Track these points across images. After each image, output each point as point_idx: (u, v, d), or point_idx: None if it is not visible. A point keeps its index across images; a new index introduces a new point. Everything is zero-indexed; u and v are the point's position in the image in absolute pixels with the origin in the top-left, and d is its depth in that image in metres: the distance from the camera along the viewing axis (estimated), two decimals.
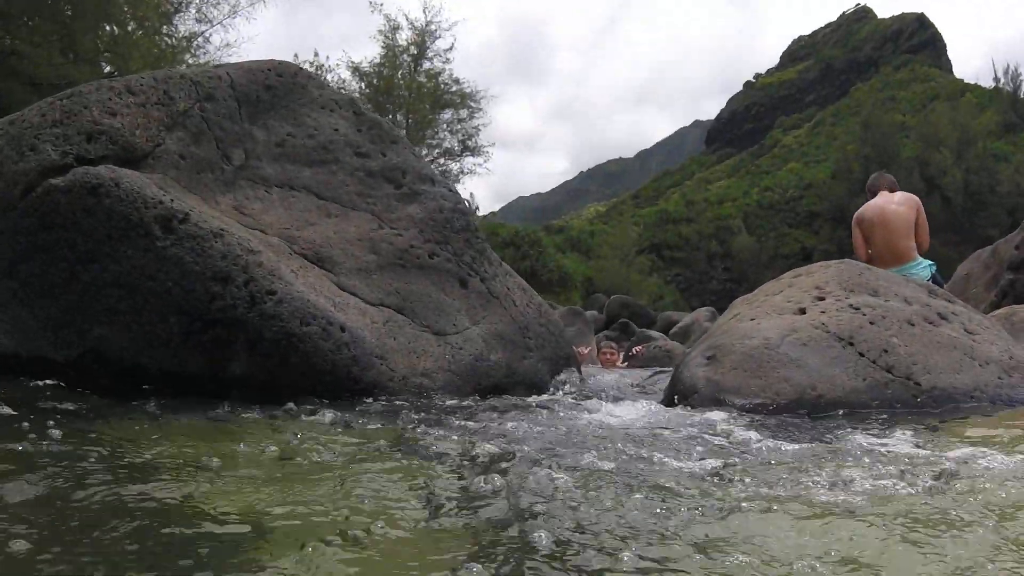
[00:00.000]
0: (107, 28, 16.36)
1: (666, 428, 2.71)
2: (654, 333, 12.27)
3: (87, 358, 3.11)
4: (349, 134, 4.02)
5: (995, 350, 3.69)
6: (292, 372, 3.10)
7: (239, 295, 3.03)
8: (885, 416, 3.06)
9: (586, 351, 9.98)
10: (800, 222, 57.90)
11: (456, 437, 2.42)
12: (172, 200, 3.11)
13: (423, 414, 2.89)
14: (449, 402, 3.27)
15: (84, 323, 3.08)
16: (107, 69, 16.18)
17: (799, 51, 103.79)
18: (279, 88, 4.03)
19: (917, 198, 6.47)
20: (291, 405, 2.87)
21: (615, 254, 45.97)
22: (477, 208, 37.09)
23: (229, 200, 3.63)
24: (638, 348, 7.48)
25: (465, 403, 3.23)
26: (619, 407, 3.29)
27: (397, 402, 3.15)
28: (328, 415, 2.71)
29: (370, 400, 3.14)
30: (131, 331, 3.06)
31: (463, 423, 2.74)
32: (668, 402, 3.50)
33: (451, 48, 31.55)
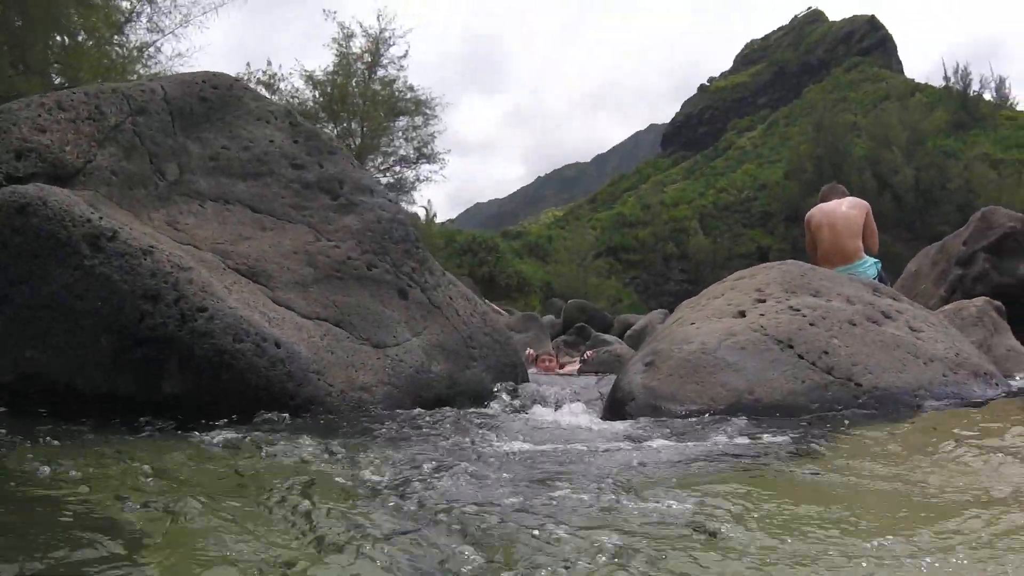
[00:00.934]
0: (57, 38, 16.09)
1: (577, 443, 2.68)
2: (609, 337, 12.29)
3: (21, 382, 3.02)
4: (285, 146, 3.97)
5: (940, 347, 3.72)
6: (226, 390, 3.03)
7: (169, 313, 2.96)
8: (812, 419, 3.06)
9: (550, 361, 9.94)
10: (755, 222, 58.50)
11: (340, 457, 2.35)
12: (101, 218, 3.04)
13: (340, 431, 2.83)
14: (370, 418, 3.18)
15: (17, 346, 2.99)
16: (57, 80, 15.89)
17: (752, 54, 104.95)
18: (214, 100, 3.97)
19: (866, 203, 6.58)
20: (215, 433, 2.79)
21: (573, 258, 46.08)
22: (435, 215, 36.97)
23: (163, 215, 3.57)
24: (588, 353, 7.46)
25: (390, 419, 3.16)
26: (546, 419, 3.27)
27: (326, 419, 3.09)
28: (220, 436, 2.61)
29: (306, 416, 3.08)
30: (63, 352, 2.98)
31: (367, 442, 2.67)
32: (607, 410, 3.48)
33: (405, 55, 31.38)
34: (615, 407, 3.41)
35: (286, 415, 3.03)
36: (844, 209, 6.44)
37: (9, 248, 2.93)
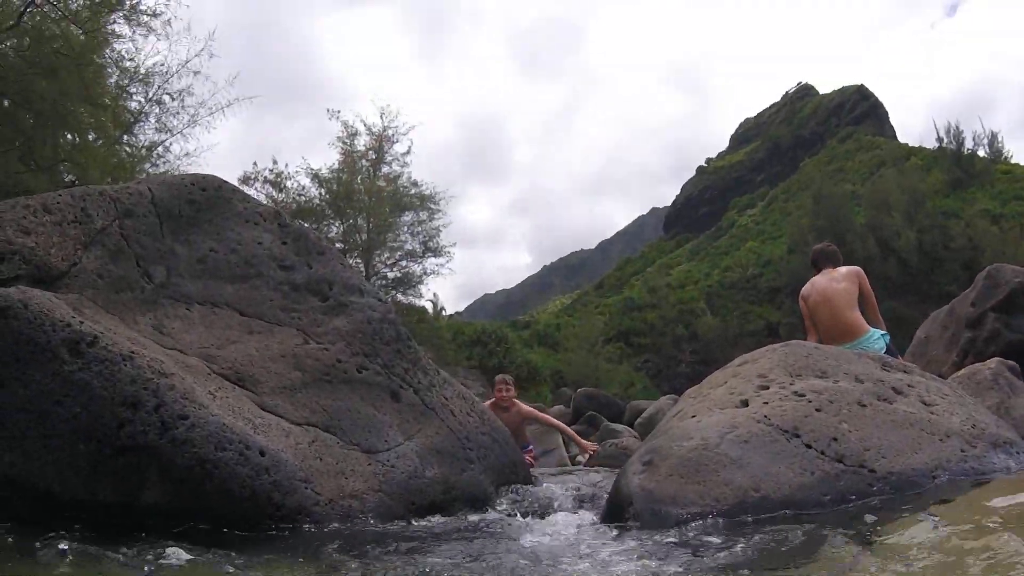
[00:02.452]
0: (67, 136, 16.36)
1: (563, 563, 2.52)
2: (619, 427, 12.08)
3: (1, 486, 2.90)
4: (273, 247, 3.93)
5: (956, 420, 3.58)
6: (208, 499, 2.91)
7: (149, 420, 2.86)
8: (823, 514, 2.89)
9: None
10: (762, 298, 58.44)
11: None
12: (82, 322, 2.97)
13: (313, 553, 2.69)
14: (357, 535, 3.03)
15: None
16: (67, 178, 16.13)
17: (747, 132, 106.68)
18: (202, 202, 3.95)
19: (860, 270, 6.46)
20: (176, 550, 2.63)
21: (582, 345, 45.88)
22: (442, 308, 36.90)
23: (149, 319, 3.50)
24: (593, 448, 7.27)
25: (378, 535, 3.02)
26: (545, 529, 3.11)
27: (311, 532, 2.95)
28: (179, 558, 2.46)
29: (291, 527, 2.95)
30: (41, 458, 2.87)
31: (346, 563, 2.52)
32: (607, 515, 3.32)
33: (408, 152, 31.86)
34: (614, 511, 3.23)
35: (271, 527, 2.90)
36: (838, 283, 6.32)
37: None
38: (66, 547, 2.38)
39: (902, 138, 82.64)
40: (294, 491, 3.04)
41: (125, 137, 18.76)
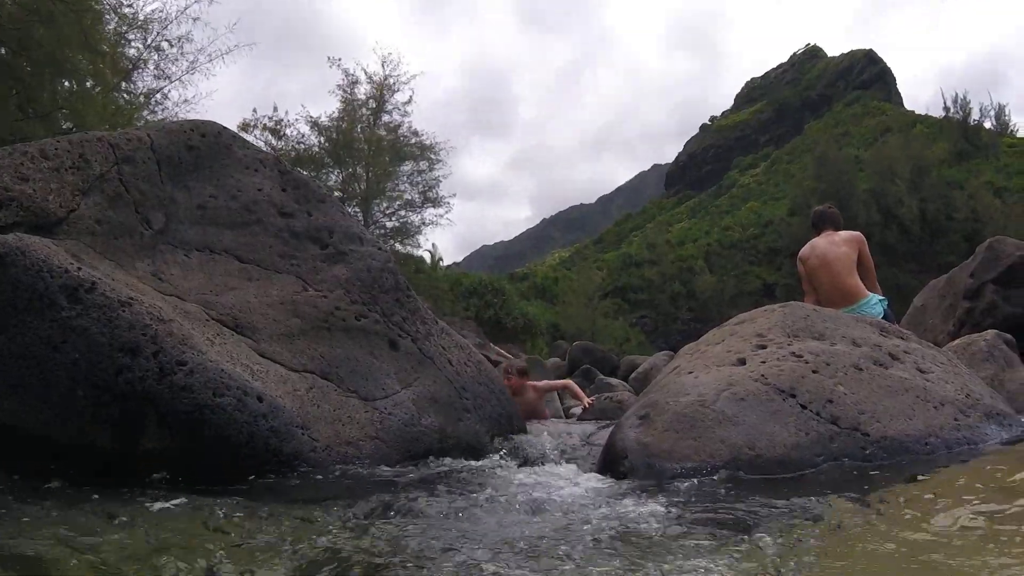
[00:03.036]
0: (65, 84, 16.21)
1: (558, 511, 2.56)
2: (614, 380, 12.15)
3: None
4: (273, 194, 3.90)
5: (950, 389, 3.59)
6: (206, 445, 2.92)
7: (148, 366, 2.86)
8: (816, 475, 2.92)
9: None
10: (761, 259, 58.47)
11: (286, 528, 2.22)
12: (79, 269, 2.96)
13: (309, 494, 2.71)
14: (354, 477, 3.07)
15: None
16: (65, 125, 15.99)
17: (752, 92, 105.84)
18: (202, 148, 3.91)
19: (860, 235, 6.43)
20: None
21: (579, 299, 45.96)
22: (440, 259, 36.83)
23: (147, 265, 3.49)
24: (590, 401, 7.31)
25: (374, 477, 3.04)
26: (539, 478, 3.13)
27: (308, 476, 2.97)
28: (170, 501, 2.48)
29: (289, 472, 2.97)
30: (39, 405, 2.88)
31: (339, 507, 2.54)
32: (601, 467, 3.35)
33: (409, 101, 31.60)
34: (609, 464, 3.26)
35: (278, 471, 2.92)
36: (838, 247, 6.29)
37: None
38: (56, 485, 2.40)
39: (909, 106, 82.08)
40: (292, 437, 3.06)
41: (123, 84, 18.57)
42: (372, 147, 30.61)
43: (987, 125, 61.48)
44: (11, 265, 2.86)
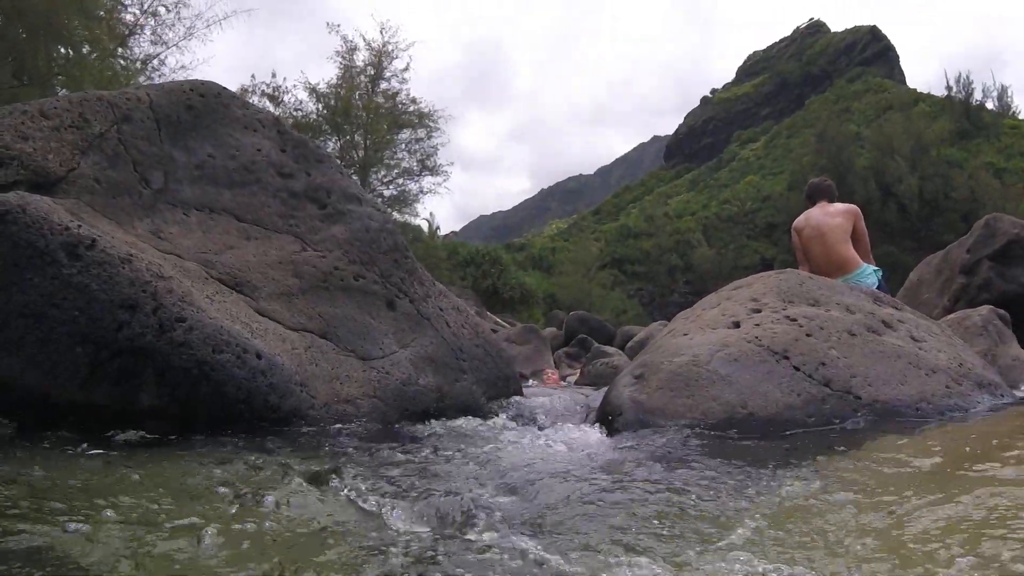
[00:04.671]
0: (61, 50, 16.09)
1: (549, 461, 2.59)
2: (610, 349, 12.18)
3: None
4: (272, 154, 3.91)
5: (943, 358, 3.62)
6: (205, 402, 2.95)
7: (147, 323, 2.88)
8: (807, 434, 2.95)
9: (554, 375, 9.95)
10: (759, 233, 58.49)
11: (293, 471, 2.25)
12: (80, 226, 2.97)
13: (314, 447, 2.75)
14: (351, 433, 3.11)
15: None
16: (61, 91, 15.90)
17: (754, 66, 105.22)
18: (201, 108, 3.90)
19: (856, 208, 6.45)
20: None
21: (576, 270, 46.05)
22: (438, 227, 36.80)
23: (146, 224, 3.50)
24: (578, 365, 7.37)
25: (371, 434, 3.08)
26: (534, 436, 3.17)
27: (306, 433, 3.01)
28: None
29: (287, 429, 3.00)
30: (38, 362, 2.90)
31: (336, 460, 2.58)
32: (596, 424, 3.38)
33: (407, 68, 31.42)
34: (603, 420, 3.31)
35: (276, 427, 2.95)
36: (833, 218, 6.32)
37: None
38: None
39: (911, 83, 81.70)
40: (290, 394, 3.09)
41: (120, 50, 18.43)
42: (370, 114, 30.47)
43: (989, 106, 61.30)
44: (11, 223, 2.87)
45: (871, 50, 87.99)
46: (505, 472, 2.39)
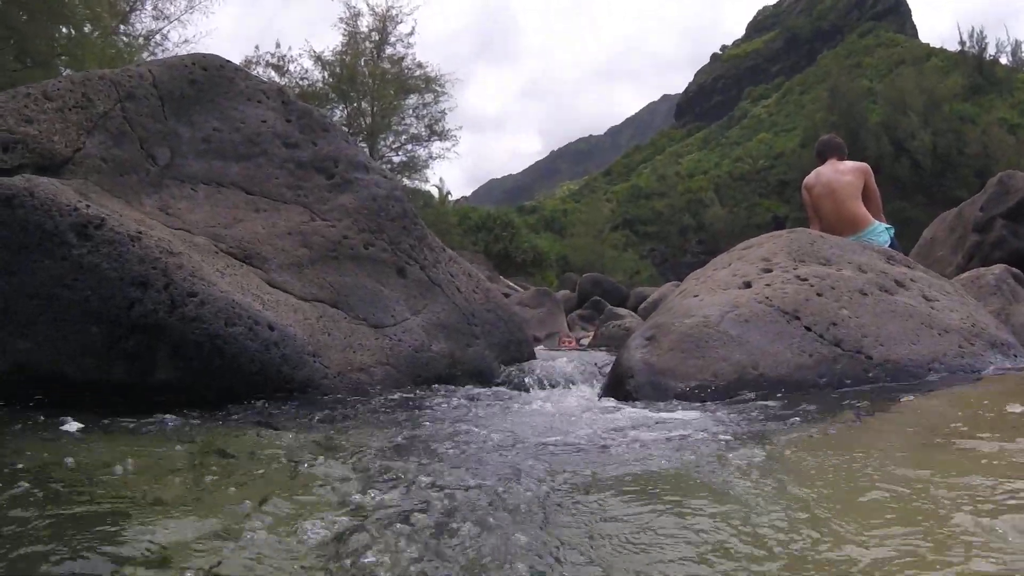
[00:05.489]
0: (63, 30, 16.05)
1: (561, 420, 2.60)
2: (623, 311, 12.21)
3: (14, 372, 2.97)
4: (277, 125, 3.90)
5: (956, 317, 3.60)
6: (219, 375, 2.98)
7: (159, 299, 2.90)
8: (818, 393, 2.96)
9: (570, 340, 10.00)
10: (771, 191, 58.13)
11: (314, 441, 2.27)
12: (88, 206, 2.98)
13: (330, 414, 2.78)
14: (366, 400, 3.12)
15: (7, 337, 2.94)
16: (64, 72, 15.88)
17: (764, 21, 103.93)
18: (204, 82, 3.89)
19: (866, 166, 6.39)
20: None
21: (588, 232, 45.97)
22: (448, 193, 36.82)
23: (155, 201, 3.51)
24: (592, 327, 7.38)
25: (386, 400, 3.11)
26: (548, 399, 3.19)
27: (321, 401, 3.04)
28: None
29: (302, 398, 3.04)
30: (53, 342, 2.93)
31: (351, 426, 2.60)
32: (608, 388, 3.40)
33: (412, 32, 31.33)
34: (616, 384, 3.31)
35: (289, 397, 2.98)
36: (843, 175, 6.26)
37: None
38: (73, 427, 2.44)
39: (923, 38, 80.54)
40: (303, 364, 3.12)
41: (122, 27, 18.40)
42: (376, 80, 30.36)
43: (1003, 60, 60.42)
44: (19, 206, 2.88)
45: (883, 4, 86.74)
46: (515, 428, 2.41)
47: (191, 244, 3.26)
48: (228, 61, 4.08)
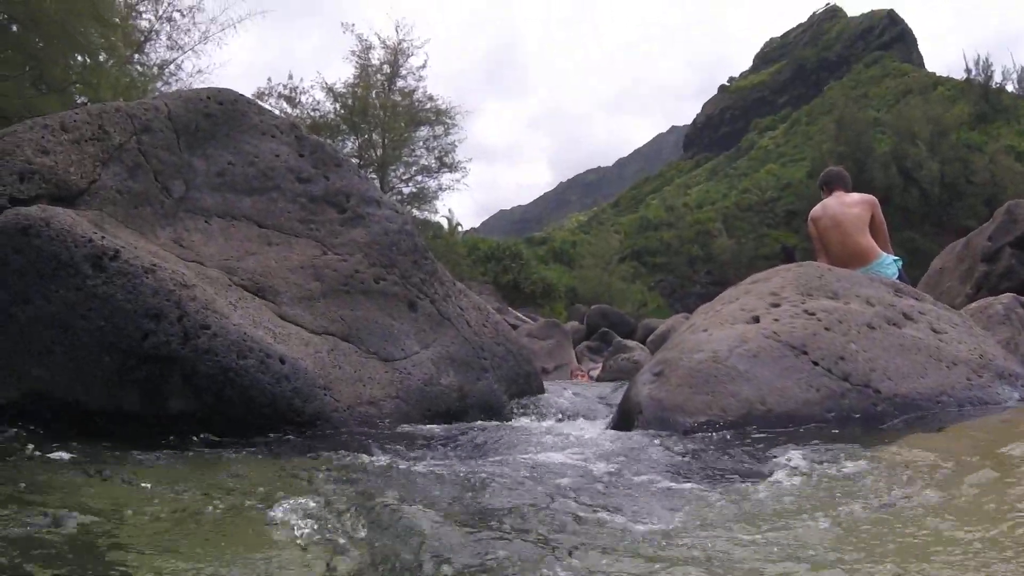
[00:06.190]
0: (78, 58, 16.25)
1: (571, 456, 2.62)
2: (631, 343, 12.18)
3: (28, 400, 3.00)
4: (290, 159, 3.95)
5: (964, 349, 3.60)
6: (231, 406, 3.01)
7: (172, 331, 2.93)
8: (826, 429, 2.96)
9: (583, 373, 10.02)
10: (780, 222, 58.02)
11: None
12: (103, 237, 3.02)
13: (333, 447, 2.79)
14: (374, 436, 3.13)
15: (22, 364, 2.97)
16: (79, 99, 16.06)
17: (771, 53, 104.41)
18: (218, 116, 3.95)
19: (873, 198, 6.40)
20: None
21: (597, 263, 45.89)
22: (458, 224, 36.91)
23: (168, 233, 3.55)
24: (600, 359, 7.40)
25: (393, 437, 3.12)
26: (557, 434, 3.20)
27: (330, 435, 3.05)
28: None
29: (311, 432, 3.05)
30: (67, 371, 2.96)
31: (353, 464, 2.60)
32: (617, 422, 3.41)
33: (424, 65, 31.55)
34: (624, 419, 3.32)
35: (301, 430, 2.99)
36: (850, 208, 6.27)
37: (12, 268, 2.91)
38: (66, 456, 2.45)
39: (930, 67, 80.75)
40: (314, 397, 3.14)
41: (136, 56, 18.62)
42: (387, 112, 30.58)
43: (1009, 88, 60.42)
44: (36, 236, 2.92)
45: (889, 34, 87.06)
46: (522, 467, 2.42)
47: (204, 277, 3.29)
48: (242, 95, 4.14)
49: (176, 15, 18.52)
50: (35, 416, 2.95)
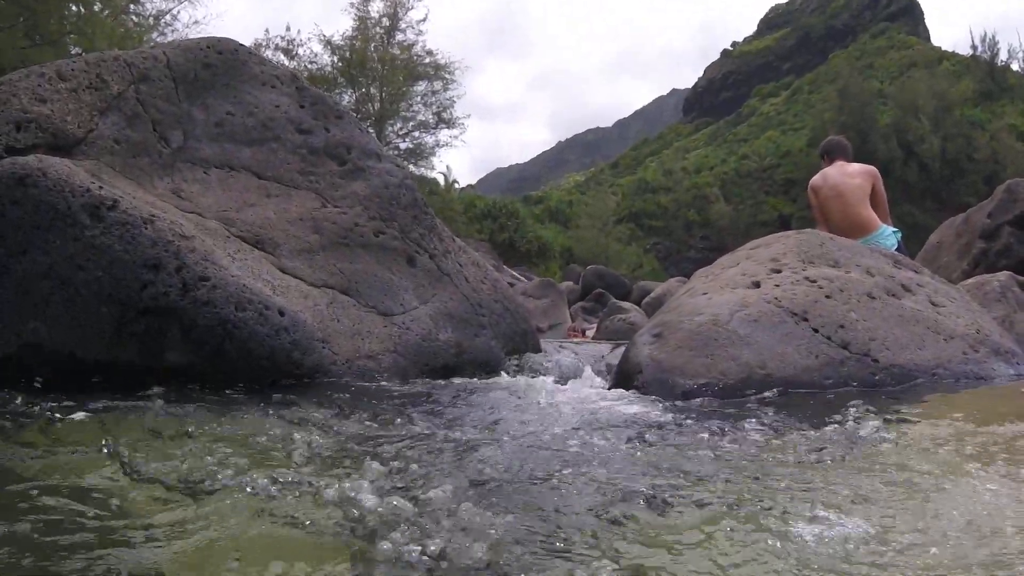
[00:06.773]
0: (72, 8, 16.03)
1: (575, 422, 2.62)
2: (627, 304, 12.21)
3: (25, 353, 2.98)
4: (291, 110, 3.90)
5: (961, 323, 3.60)
6: (229, 359, 3.00)
7: (171, 282, 2.91)
8: (824, 395, 2.97)
9: (579, 333, 10.05)
10: (778, 190, 57.97)
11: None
12: (101, 187, 2.99)
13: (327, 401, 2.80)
14: (372, 389, 3.15)
15: (19, 317, 2.95)
16: (74, 50, 15.85)
17: (776, 19, 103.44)
18: (218, 66, 3.90)
19: (874, 169, 6.38)
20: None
21: (593, 224, 45.90)
22: (454, 181, 36.79)
23: (167, 183, 3.52)
24: (595, 320, 7.42)
25: (392, 389, 3.13)
26: (554, 391, 3.20)
27: (329, 387, 3.05)
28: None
29: (309, 384, 3.05)
30: (64, 323, 2.93)
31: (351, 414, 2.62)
32: (615, 382, 3.41)
33: (424, 19, 31.27)
34: (623, 379, 3.33)
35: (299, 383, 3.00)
36: (852, 178, 6.25)
37: (9, 219, 2.88)
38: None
39: (936, 41, 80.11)
40: (312, 350, 3.13)
41: (132, 6, 18.38)
42: (386, 66, 30.32)
43: (1014, 67, 60.05)
44: (32, 186, 2.89)
45: (896, 5, 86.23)
46: (519, 420, 2.43)
47: (203, 227, 3.27)
48: (243, 45, 4.08)
49: None
50: (30, 370, 2.93)
